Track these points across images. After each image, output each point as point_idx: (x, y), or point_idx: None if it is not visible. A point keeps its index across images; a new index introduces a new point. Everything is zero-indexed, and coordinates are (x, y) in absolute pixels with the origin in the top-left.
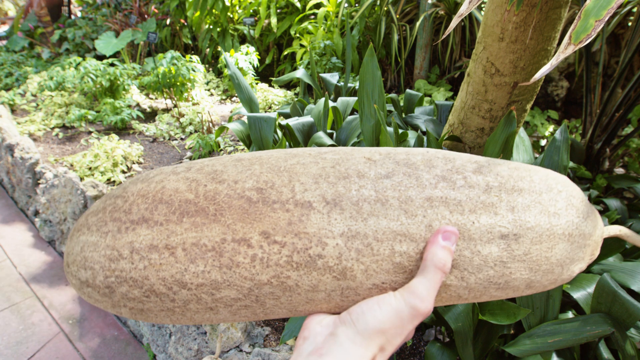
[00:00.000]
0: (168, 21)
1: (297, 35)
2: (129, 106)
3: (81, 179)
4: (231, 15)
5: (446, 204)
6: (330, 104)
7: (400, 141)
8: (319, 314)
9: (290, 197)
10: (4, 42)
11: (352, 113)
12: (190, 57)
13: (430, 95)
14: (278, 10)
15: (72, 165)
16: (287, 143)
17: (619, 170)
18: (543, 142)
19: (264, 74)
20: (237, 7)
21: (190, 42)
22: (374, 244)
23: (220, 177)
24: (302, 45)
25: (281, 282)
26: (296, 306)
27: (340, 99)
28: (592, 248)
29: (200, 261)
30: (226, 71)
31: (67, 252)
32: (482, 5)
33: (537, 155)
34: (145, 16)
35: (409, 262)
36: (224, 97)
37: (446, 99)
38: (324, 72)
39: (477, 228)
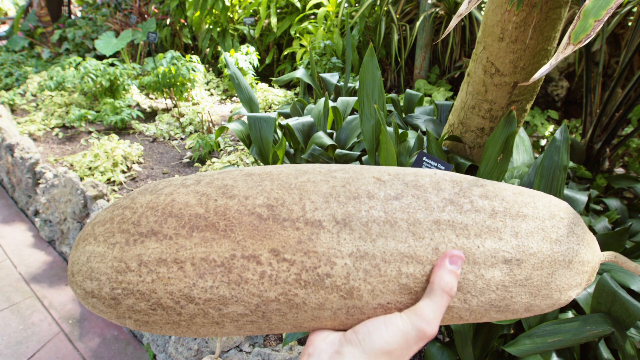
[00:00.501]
0: (168, 21)
1: (297, 35)
2: (129, 106)
3: (81, 178)
4: (231, 15)
5: (453, 227)
6: (330, 103)
7: (400, 141)
8: (323, 330)
9: (300, 215)
10: (4, 42)
11: (352, 113)
12: (190, 57)
13: (430, 95)
14: (278, 10)
15: (72, 165)
16: (287, 143)
17: (619, 170)
18: (543, 142)
19: (264, 74)
20: (237, 7)
21: (190, 42)
22: (381, 265)
23: (230, 192)
24: (302, 45)
25: (289, 299)
26: (301, 323)
27: (340, 98)
28: (589, 274)
29: (209, 276)
30: (226, 71)
31: (72, 261)
32: (482, 5)
33: (537, 155)
34: (145, 16)
35: (415, 283)
36: (224, 97)
37: (446, 99)
38: (324, 72)
39: (481, 252)
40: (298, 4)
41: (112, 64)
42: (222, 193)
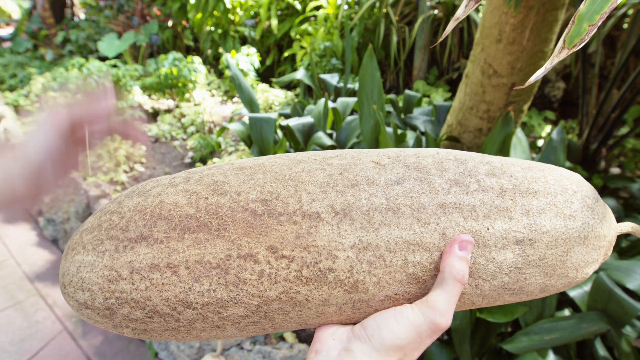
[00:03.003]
0: (170, 23)
1: (298, 36)
2: (132, 107)
3: (84, 178)
4: (232, 17)
5: (460, 210)
6: (330, 104)
7: (399, 141)
8: (330, 325)
9: (297, 208)
10: (9, 43)
11: (351, 113)
12: (192, 59)
13: (428, 96)
14: (278, 12)
15: None
16: (287, 143)
17: (615, 170)
18: (540, 142)
19: (265, 75)
20: (237, 9)
21: (191, 43)
22: (386, 255)
23: (221, 188)
24: (302, 47)
25: (290, 297)
26: (306, 320)
27: (339, 99)
28: (606, 249)
29: (204, 279)
30: (227, 72)
31: (63, 272)
32: (480, 8)
33: (534, 156)
34: (148, 18)
35: (423, 272)
36: (225, 98)
37: (444, 100)
38: (324, 73)
39: (491, 234)
40: (298, 6)
41: (114, 66)
42: (213, 190)
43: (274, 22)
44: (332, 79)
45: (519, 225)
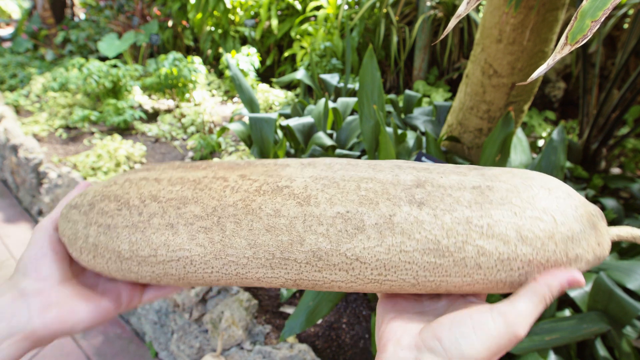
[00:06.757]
0: (170, 23)
1: (298, 37)
2: (132, 107)
3: (84, 178)
4: (232, 17)
5: (415, 169)
6: (330, 104)
7: (400, 141)
8: (392, 330)
9: (272, 162)
10: (9, 43)
11: (351, 114)
12: (192, 59)
13: (429, 96)
14: (279, 12)
15: (75, 165)
16: (287, 143)
17: (615, 170)
18: (540, 143)
19: (265, 75)
20: (238, 9)
21: (192, 43)
22: (340, 182)
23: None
24: (302, 47)
25: (246, 204)
26: (257, 235)
27: (340, 99)
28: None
29: (179, 185)
30: (227, 72)
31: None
32: (480, 7)
33: (534, 156)
34: (148, 18)
35: (375, 194)
36: (225, 98)
37: (445, 100)
38: (324, 73)
39: (445, 180)
40: (298, 6)
41: (114, 66)
42: (196, 167)
43: (274, 22)
44: (332, 79)
45: (473, 181)
